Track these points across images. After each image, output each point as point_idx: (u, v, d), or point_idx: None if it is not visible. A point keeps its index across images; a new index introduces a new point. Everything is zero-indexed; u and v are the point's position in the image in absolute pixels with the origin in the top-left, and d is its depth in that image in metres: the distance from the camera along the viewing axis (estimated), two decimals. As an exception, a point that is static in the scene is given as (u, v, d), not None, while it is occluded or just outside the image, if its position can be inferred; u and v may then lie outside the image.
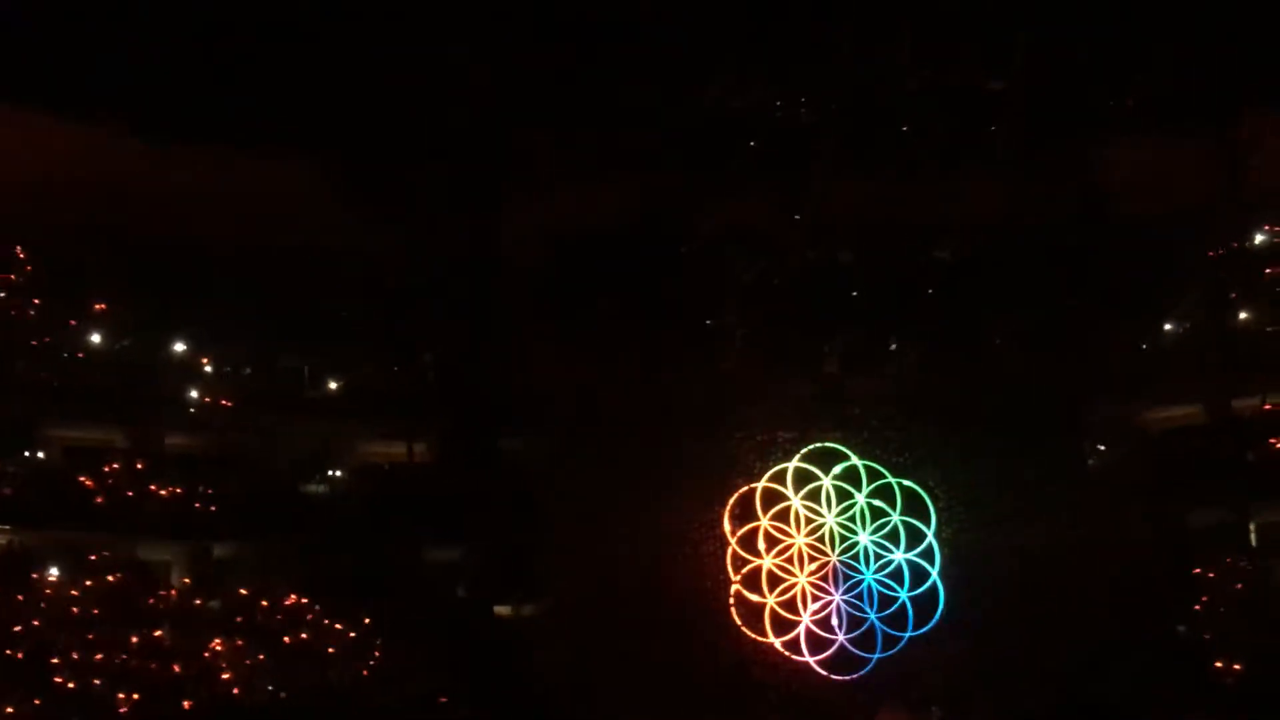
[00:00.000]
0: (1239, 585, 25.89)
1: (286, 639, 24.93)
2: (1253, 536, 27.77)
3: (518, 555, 27.34)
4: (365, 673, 24.93)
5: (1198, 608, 25.93)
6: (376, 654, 25.26)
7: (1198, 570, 26.28)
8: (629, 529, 25.90)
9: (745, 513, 26.35)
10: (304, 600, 25.47)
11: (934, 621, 25.83)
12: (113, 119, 25.72)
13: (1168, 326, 28.52)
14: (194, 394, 27.25)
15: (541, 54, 26.61)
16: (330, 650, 25.05)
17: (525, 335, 27.74)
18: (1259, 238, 28.40)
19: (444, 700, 24.97)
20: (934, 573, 26.03)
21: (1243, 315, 27.96)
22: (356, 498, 28.13)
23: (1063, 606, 25.28)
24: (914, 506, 26.43)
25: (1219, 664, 24.86)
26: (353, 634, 25.37)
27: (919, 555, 26.15)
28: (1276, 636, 24.85)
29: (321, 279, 27.50)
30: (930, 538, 26.21)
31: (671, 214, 27.75)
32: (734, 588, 26.03)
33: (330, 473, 28.54)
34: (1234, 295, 28.10)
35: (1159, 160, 27.76)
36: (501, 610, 27.74)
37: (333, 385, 28.71)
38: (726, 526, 26.27)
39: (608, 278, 27.35)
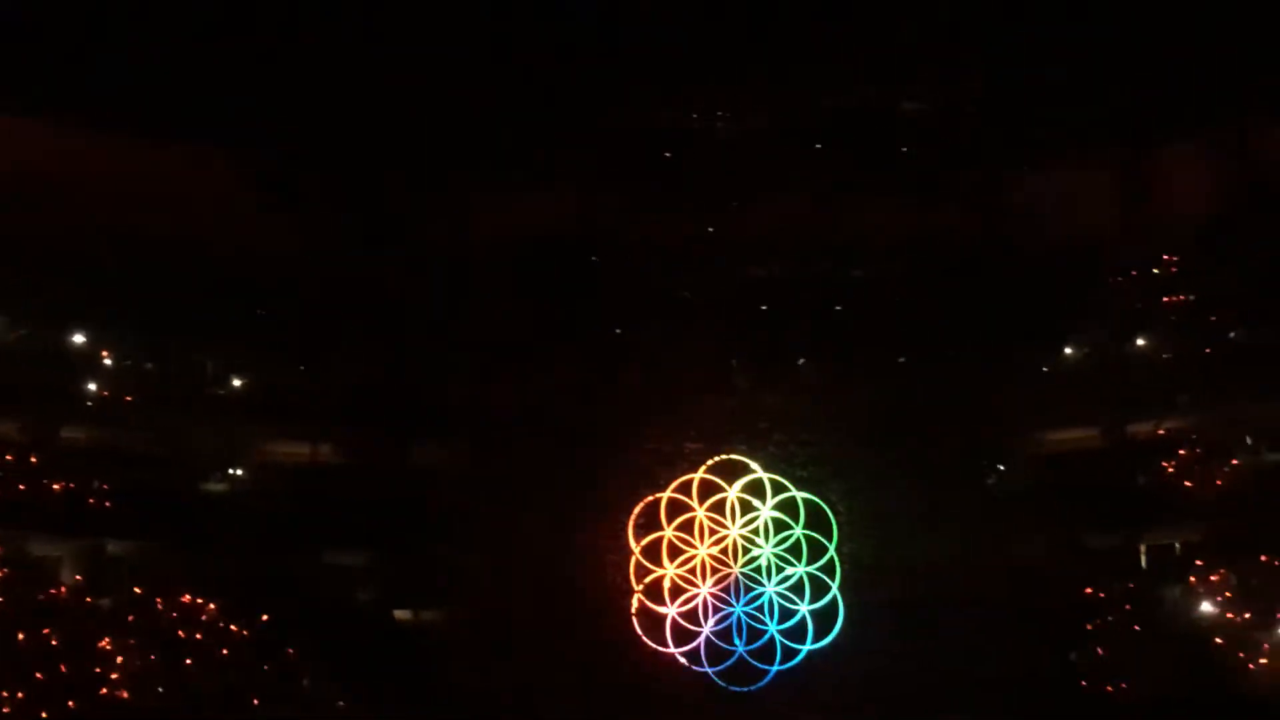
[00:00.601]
0: (1128, 606, 26.45)
1: (179, 640, 24.53)
2: (1143, 559, 28.44)
3: (421, 561, 27.16)
4: (261, 676, 24.60)
5: (1090, 627, 26.43)
6: (273, 657, 24.94)
7: (1090, 590, 26.81)
8: (535, 537, 25.87)
9: (650, 523, 26.41)
10: (199, 600, 25.07)
11: (833, 635, 26.06)
12: (16, 105, 25.27)
13: (1069, 350, 29.10)
14: (93, 387, 26.74)
15: (473, 69, 26.59)
16: (224, 652, 24.70)
17: (438, 342, 27.57)
18: (1158, 267, 29.06)
19: (342, 705, 24.74)
20: (834, 586, 26.25)
21: (1141, 342, 28.61)
22: (258, 497, 27.75)
23: (958, 624, 25.58)
24: (817, 520, 26.64)
25: (1109, 685, 25.38)
26: (248, 635, 25.04)
27: (820, 569, 26.36)
28: (1164, 657, 25.35)
29: (233, 275, 27.16)
30: (831, 552, 26.43)
31: (586, 226, 27.83)
32: (636, 597, 26.10)
33: (232, 471, 28.15)
34: (1133, 322, 28.74)
35: (1065, 189, 28.35)
36: (403, 615, 27.58)
37: (237, 382, 28.30)
38: (630, 536, 26.31)
39: (520, 289, 27.33)
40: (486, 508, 26.33)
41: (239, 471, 28.10)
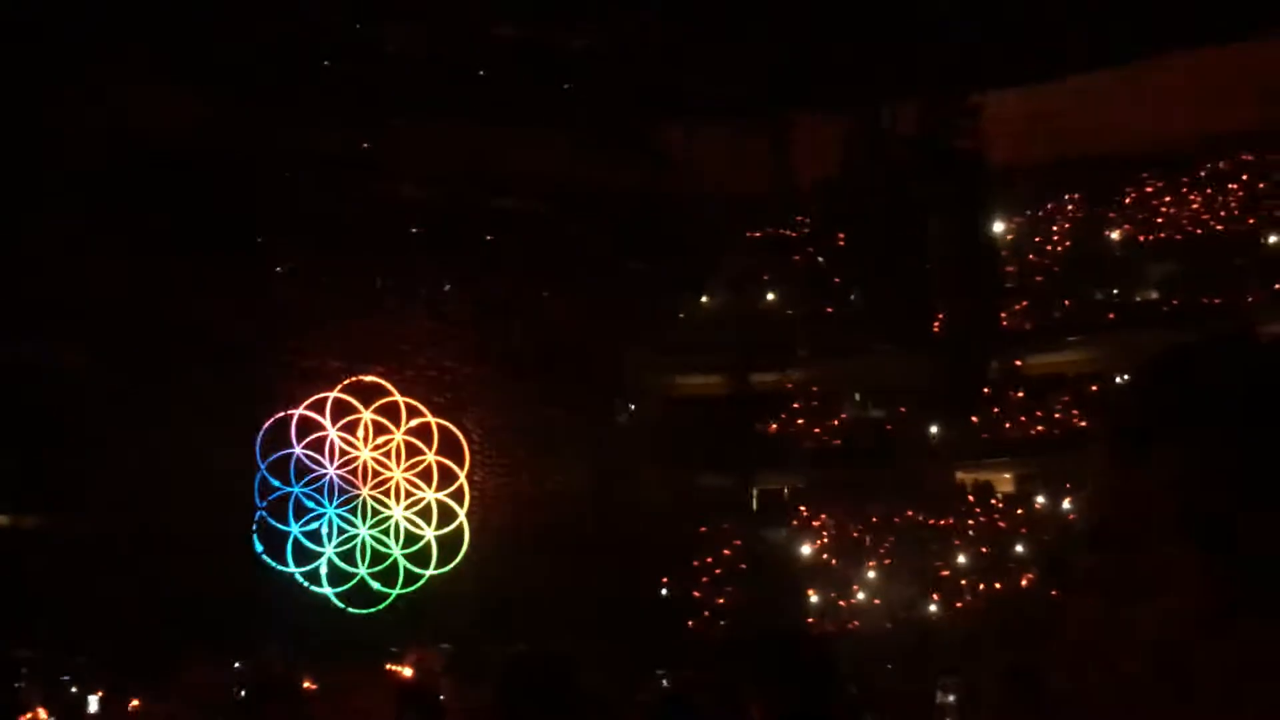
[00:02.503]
0: (737, 541, 28.02)
1: None
2: (754, 502, 30.14)
3: (30, 468, 25.31)
4: None
5: (696, 564, 27.79)
6: None
7: (703, 530, 28.21)
8: (157, 446, 24.67)
9: (280, 439, 25.75)
10: None
11: (456, 561, 26.27)
12: None
13: (704, 300, 30.32)
14: None
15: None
16: None
17: (67, 239, 25.56)
18: (792, 228, 30.68)
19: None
20: (461, 513, 26.43)
21: (771, 296, 30.17)
22: None
23: (574, 556, 26.27)
24: (449, 447, 26.71)
25: (705, 620, 26.76)
26: None
27: (449, 495, 26.46)
28: (760, 595, 26.93)
29: None
30: (461, 479, 26.56)
31: (236, 132, 26.48)
32: (258, 514, 25.42)
33: None
34: (766, 277, 30.26)
35: (715, 143, 29.36)
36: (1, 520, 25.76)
37: None
38: (257, 452, 25.57)
39: (161, 190, 25.74)
40: (110, 416, 24.85)
41: None
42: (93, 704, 17.76)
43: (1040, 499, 27.46)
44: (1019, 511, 27.52)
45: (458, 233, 28.10)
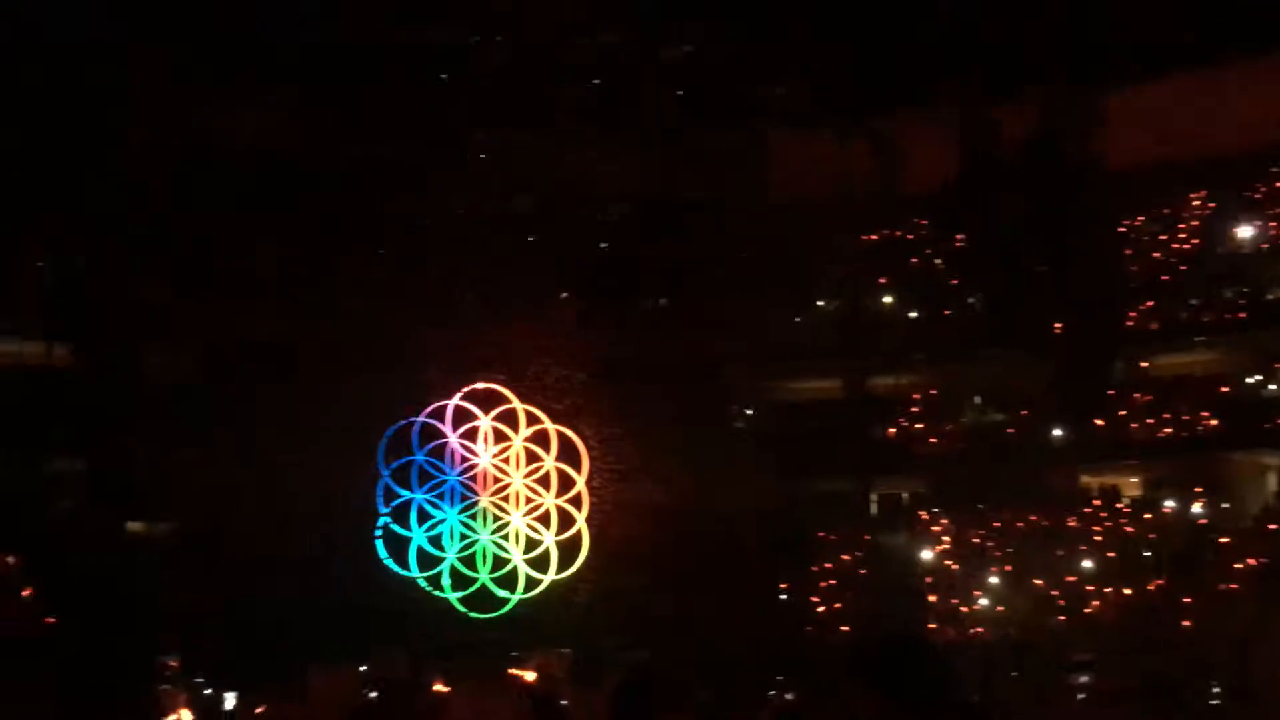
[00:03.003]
0: (858, 551, 27.78)
1: None
2: (874, 506, 29.88)
3: (149, 472, 25.99)
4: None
5: (815, 569, 27.60)
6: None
7: (822, 535, 28.03)
8: (278, 455, 25.21)
9: (401, 446, 26.11)
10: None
11: (575, 566, 26.39)
12: None
13: (819, 303, 30.14)
14: None
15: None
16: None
17: (159, 251, 26.15)
18: (911, 231, 30.37)
19: (51, 621, 23.57)
20: (580, 519, 26.53)
21: (888, 300, 29.89)
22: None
23: (693, 561, 26.28)
24: (568, 453, 26.83)
25: (825, 626, 26.59)
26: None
27: (568, 501, 26.59)
28: (881, 601, 26.69)
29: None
30: (580, 485, 26.65)
31: (339, 140, 26.91)
32: (382, 520, 25.79)
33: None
34: (882, 281, 30.00)
35: (824, 149, 29.23)
36: (135, 528, 26.53)
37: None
38: (380, 459, 25.95)
39: (269, 199, 26.24)
40: (227, 423, 25.46)
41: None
42: (229, 701, 18.22)
43: (1169, 502, 26.81)
44: (1147, 515, 26.90)
45: (571, 240, 28.30)
